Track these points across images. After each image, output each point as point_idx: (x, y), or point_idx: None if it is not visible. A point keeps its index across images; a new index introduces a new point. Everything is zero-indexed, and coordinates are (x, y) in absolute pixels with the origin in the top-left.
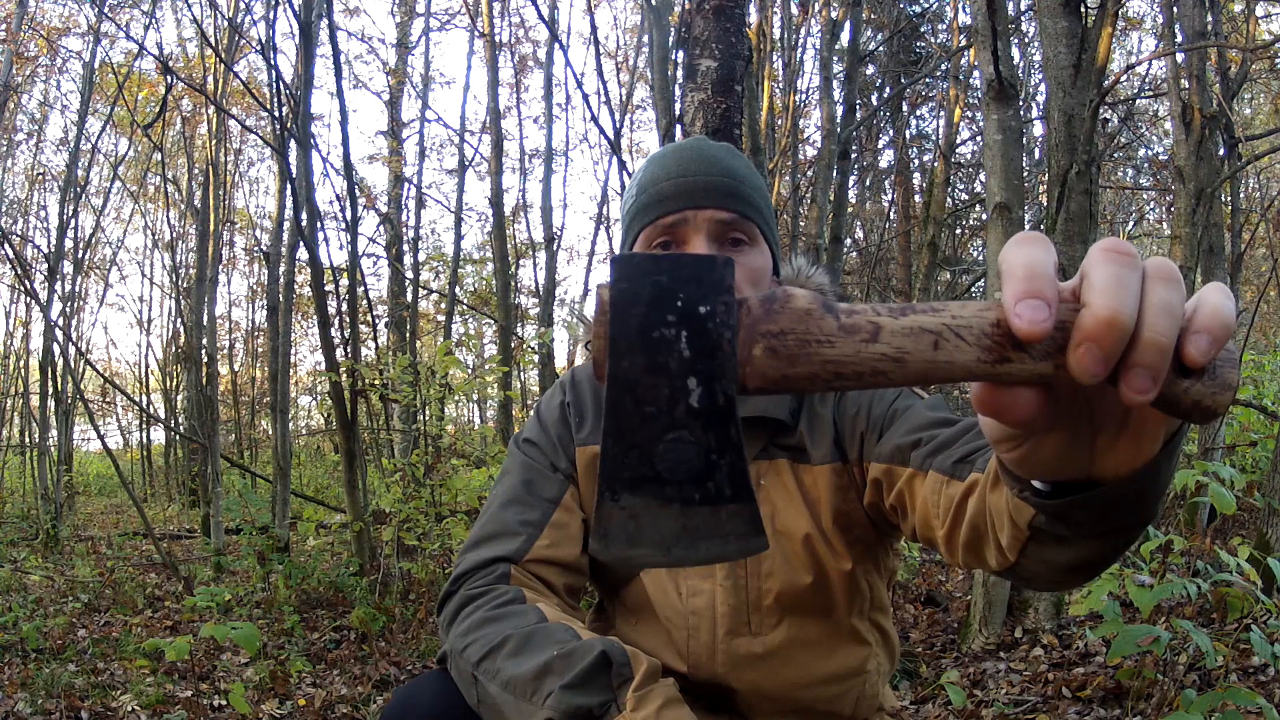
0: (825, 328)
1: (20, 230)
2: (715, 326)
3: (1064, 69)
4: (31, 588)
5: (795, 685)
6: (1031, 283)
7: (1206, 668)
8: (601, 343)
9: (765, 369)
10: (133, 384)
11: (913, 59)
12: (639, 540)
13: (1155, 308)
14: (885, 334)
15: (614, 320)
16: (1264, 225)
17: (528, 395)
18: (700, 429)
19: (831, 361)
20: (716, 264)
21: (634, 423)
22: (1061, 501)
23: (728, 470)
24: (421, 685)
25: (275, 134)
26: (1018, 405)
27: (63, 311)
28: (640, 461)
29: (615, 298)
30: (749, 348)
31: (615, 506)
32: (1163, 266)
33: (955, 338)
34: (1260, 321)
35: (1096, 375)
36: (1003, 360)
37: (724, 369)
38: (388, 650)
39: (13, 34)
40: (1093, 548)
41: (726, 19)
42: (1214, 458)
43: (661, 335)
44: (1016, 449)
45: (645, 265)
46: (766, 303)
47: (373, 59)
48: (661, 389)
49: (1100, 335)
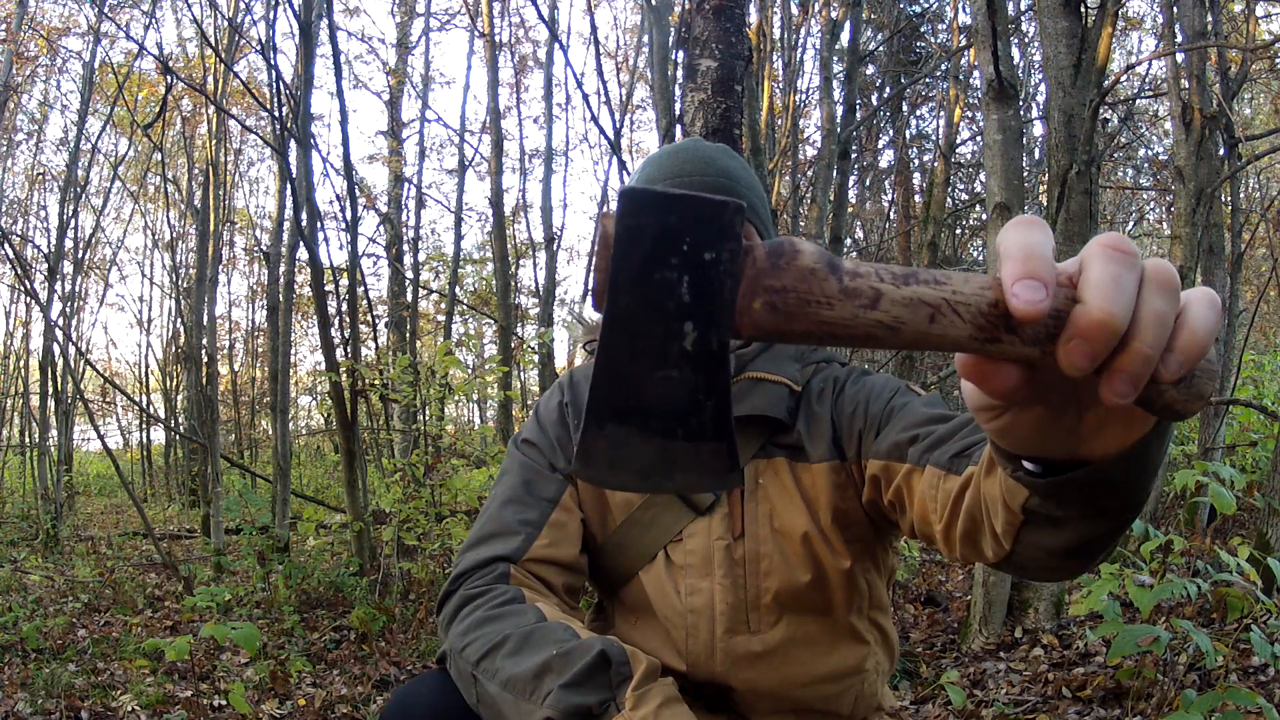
0: (827, 289)
1: (20, 230)
2: (719, 274)
3: (1064, 69)
4: (31, 588)
5: (794, 684)
6: (1029, 264)
7: (1206, 668)
8: (602, 276)
9: (762, 322)
10: (133, 384)
11: (913, 59)
12: (619, 466)
13: (1149, 318)
14: (885, 302)
15: (616, 257)
16: (1264, 225)
17: (528, 395)
18: (690, 370)
19: (828, 323)
20: (727, 208)
21: (626, 358)
22: (1053, 480)
23: (712, 411)
24: (421, 685)
25: (275, 134)
26: (999, 377)
27: (63, 311)
28: (628, 395)
29: (620, 233)
30: (749, 299)
31: (600, 434)
32: (1162, 272)
33: (952, 313)
34: (1260, 321)
35: (1083, 371)
36: (993, 340)
37: (721, 317)
38: (388, 650)
39: (13, 34)
40: (1086, 530)
41: (726, 19)
42: (1214, 458)
43: (664, 277)
44: (997, 419)
45: (654, 202)
46: (773, 255)
47: (373, 59)
48: (657, 329)
49: (1092, 335)
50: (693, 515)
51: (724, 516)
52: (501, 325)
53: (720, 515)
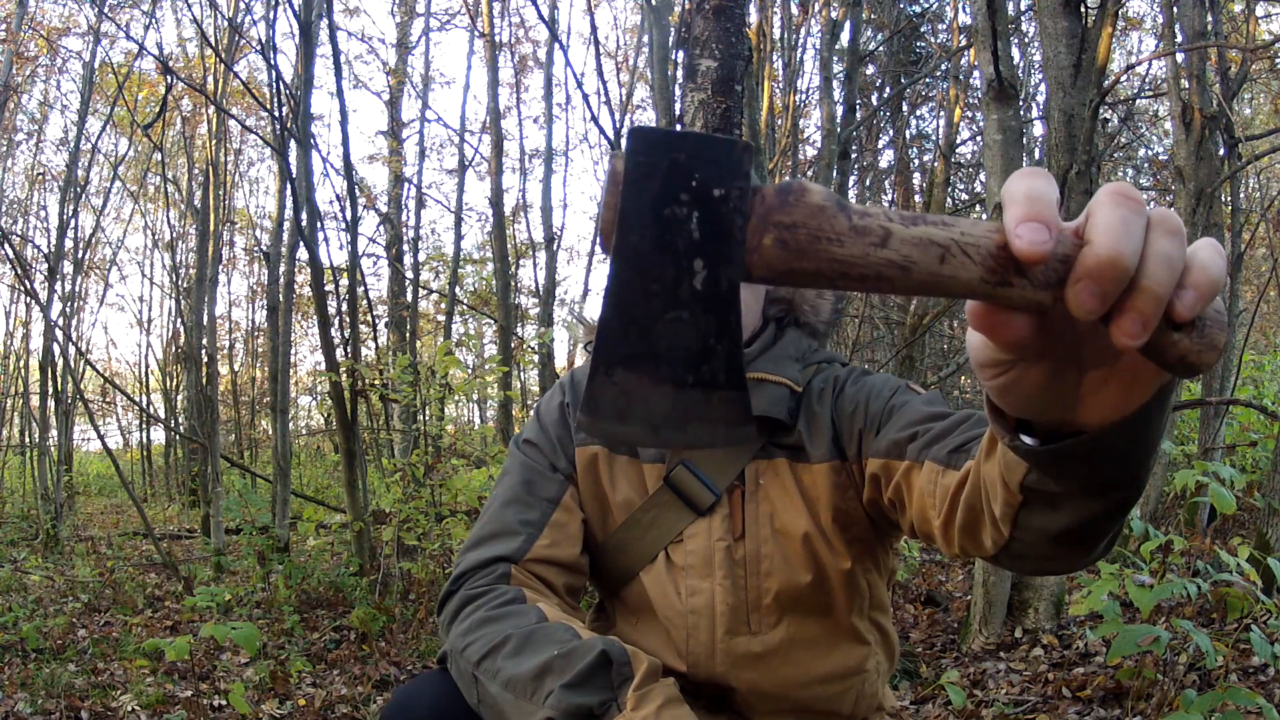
0: (837, 226)
1: (20, 230)
2: (728, 211)
3: (1064, 69)
4: (31, 588)
5: (794, 684)
6: (1032, 206)
7: (1206, 668)
8: (611, 214)
9: (772, 259)
10: (133, 384)
11: (913, 59)
12: (628, 417)
13: (1156, 257)
14: (895, 240)
15: (626, 193)
16: (1264, 225)
17: (528, 395)
18: (701, 311)
19: (839, 261)
20: (735, 147)
21: (636, 299)
22: (1052, 448)
23: (724, 356)
24: (422, 685)
25: (275, 134)
26: (1011, 327)
27: (63, 311)
28: (638, 338)
29: (630, 170)
30: (759, 236)
31: (608, 381)
32: (1168, 218)
33: (962, 254)
34: (1260, 321)
35: (1092, 312)
36: (1004, 283)
37: (731, 254)
38: (388, 650)
39: (13, 34)
40: (1084, 509)
41: (726, 19)
42: (1214, 458)
43: (673, 213)
44: (1002, 375)
45: (664, 141)
46: (781, 193)
47: (373, 59)
48: (667, 267)
49: (1100, 273)
50: (693, 516)
51: (724, 517)
52: (501, 325)
53: (721, 516)
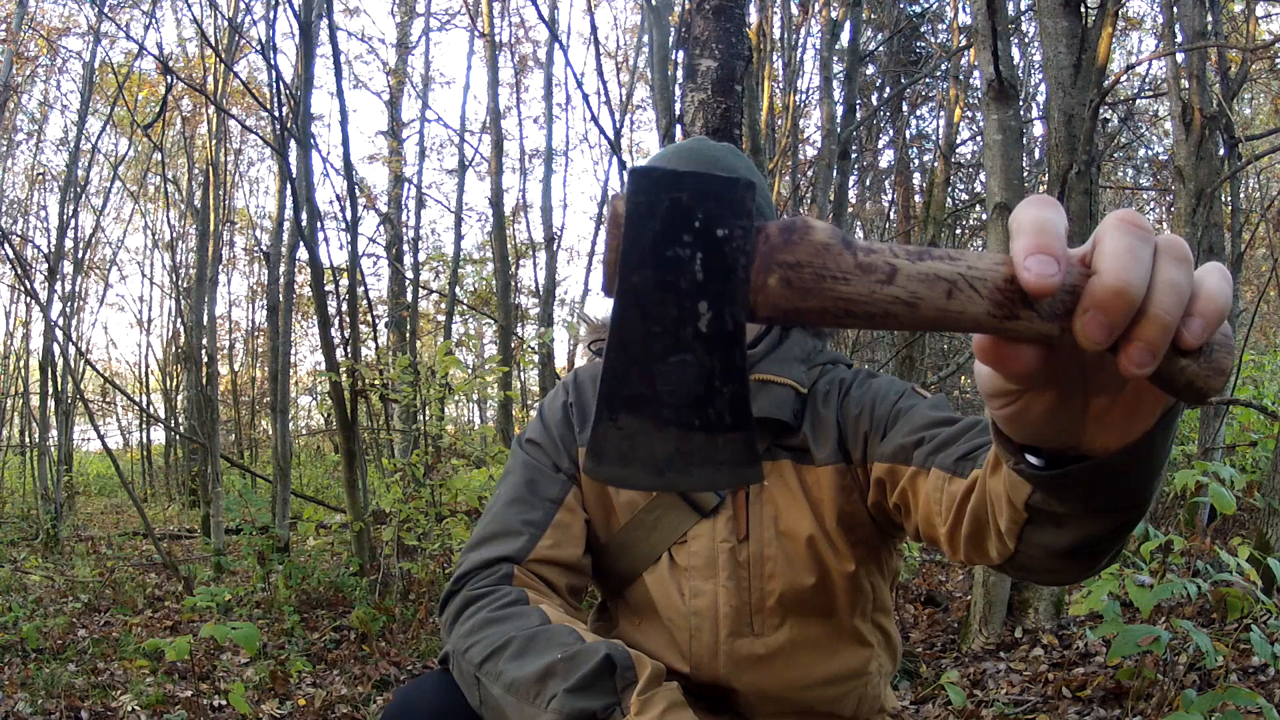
0: (842, 264)
1: (20, 230)
2: (732, 250)
3: (1064, 69)
4: (31, 588)
5: (797, 686)
6: (1041, 237)
7: (1206, 668)
8: (614, 256)
9: (777, 299)
10: (133, 384)
11: (913, 59)
12: (632, 460)
13: (1164, 285)
14: (901, 277)
15: (627, 234)
16: (1264, 225)
17: (528, 395)
18: (705, 353)
19: (844, 299)
20: (738, 185)
21: (639, 340)
22: (1057, 472)
23: (729, 397)
24: (423, 686)
25: (275, 134)
26: (1019, 359)
27: (63, 311)
28: (641, 380)
29: (631, 210)
30: (764, 276)
31: (612, 426)
32: (1175, 245)
33: (969, 288)
34: (1260, 321)
35: (1100, 343)
36: (1011, 316)
37: (736, 294)
38: (388, 650)
39: (13, 34)
40: (1089, 528)
41: (726, 19)
42: (1214, 458)
43: (676, 254)
44: (1009, 405)
45: (665, 180)
46: (785, 231)
47: (373, 59)
48: (670, 308)
49: (1108, 304)
50: (697, 517)
51: (728, 518)
52: (501, 325)
53: (725, 517)
